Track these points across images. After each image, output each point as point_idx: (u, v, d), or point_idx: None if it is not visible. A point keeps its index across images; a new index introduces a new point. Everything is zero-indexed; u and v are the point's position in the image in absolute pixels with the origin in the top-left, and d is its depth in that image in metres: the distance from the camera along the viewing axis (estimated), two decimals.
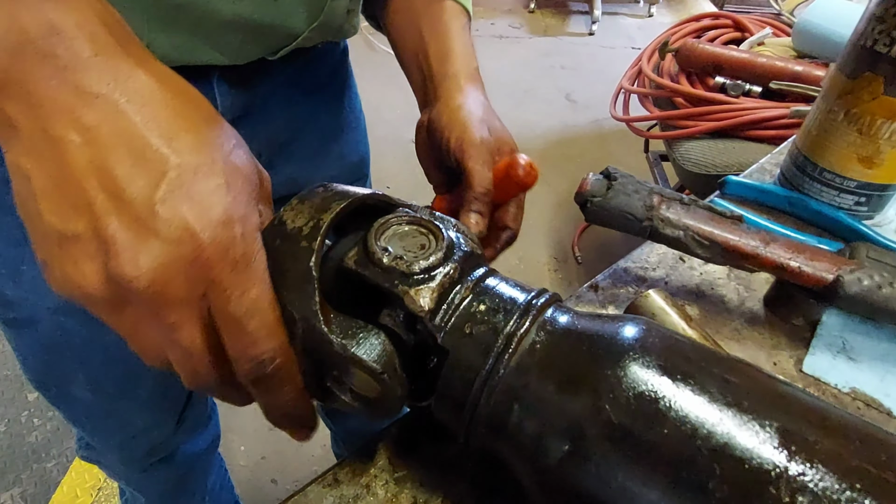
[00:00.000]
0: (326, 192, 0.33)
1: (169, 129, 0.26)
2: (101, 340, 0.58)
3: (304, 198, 0.33)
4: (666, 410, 0.26)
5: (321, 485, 0.36)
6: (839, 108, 0.48)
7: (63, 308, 0.55)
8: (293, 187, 0.64)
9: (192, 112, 0.28)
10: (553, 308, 0.32)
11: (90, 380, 0.62)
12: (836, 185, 0.51)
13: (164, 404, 0.70)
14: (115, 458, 0.78)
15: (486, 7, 3.58)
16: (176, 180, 0.25)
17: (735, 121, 1.17)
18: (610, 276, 0.49)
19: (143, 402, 0.66)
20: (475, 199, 0.44)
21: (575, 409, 0.27)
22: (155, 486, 0.84)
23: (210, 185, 0.26)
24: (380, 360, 0.29)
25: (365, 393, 0.30)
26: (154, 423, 0.71)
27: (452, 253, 0.32)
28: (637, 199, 0.44)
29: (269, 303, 0.28)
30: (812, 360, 0.42)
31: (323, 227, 0.30)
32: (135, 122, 0.26)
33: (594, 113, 2.61)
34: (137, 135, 0.25)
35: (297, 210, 0.32)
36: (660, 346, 0.28)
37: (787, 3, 1.44)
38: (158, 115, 0.26)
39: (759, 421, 0.25)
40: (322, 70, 0.62)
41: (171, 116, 0.27)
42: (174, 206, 0.25)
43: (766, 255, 0.41)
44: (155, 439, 0.74)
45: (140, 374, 0.63)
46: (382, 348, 0.30)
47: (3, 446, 1.42)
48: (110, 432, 0.72)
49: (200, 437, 0.84)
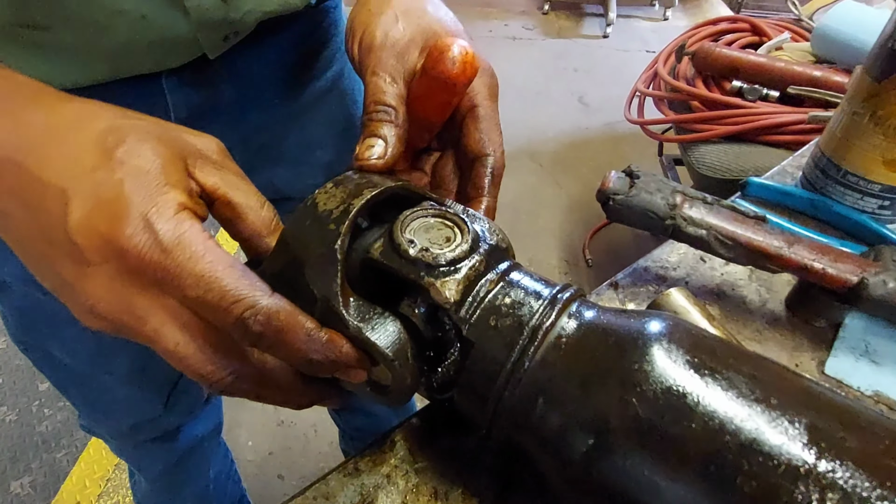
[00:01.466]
0: (361, 178, 0.33)
1: (55, 168, 0.27)
2: (69, 313, 0.58)
3: (339, 182, 0.33)
4: (694, 405, 0.26)
5: (342, 473, 0.36)
6: (865, 110, 0.48)
7: (28, 278, 0.54)
8: (274, 193, 0.63)
9: (68, 139, 0.28)
10: (578, 302, 0.32)
11: (65, 347, 0.62)
12: (859, 189, 0.51)
13: (145, 381, 0.69)
14: (103, 430, 0.78)
15: (500, 8, 3.58)
16: (76, 208, 0.27)
17: (752, 125, 1.16)
18: (630, 274, 0.49)
19: (122, 376, 0.66)
20: (368, 119, 0.35)
21: (600, 403, 0.27)
22: (151, 464, 0.84)
23: (107, 194, 0.27)
24: (392, 346, 0.29)
25: (377, 378, 0.31)
26: (137, 398, 0.70)
27: (478, 245, 0.32)
28: (660, 198, 0.44)
29: (225, 266, 0.27)
30: (834, 363, 0.42)
31: (352, 212, 0.31)
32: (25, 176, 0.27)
33: (607, 116, 2.60)
34: (31, 187, 0.27)
35: (331, 194, 0.32)
36: (687, 342, 0.28)
37: (806, 8, 1.43)
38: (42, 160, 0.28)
39: (787, 417, 0.25)
40: (302, 71, 0.58)
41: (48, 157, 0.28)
42: (85, 231, 0.26)
43: (790, 255, 0.41)
44: (140, 415, 0.73)
45: (114, 349, 0.63)
46: (397, 335, 0.30)
47: (13, 435, 1.43)
48: (93, 402, 0.72)
49: (194, 424, 0.83)
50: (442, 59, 0.33)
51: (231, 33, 0.46)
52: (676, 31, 1.68)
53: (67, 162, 0.27)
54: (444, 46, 0.33)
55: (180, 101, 0.49)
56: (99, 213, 0.26)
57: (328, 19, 0.59)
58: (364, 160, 0.35)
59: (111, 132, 0.29)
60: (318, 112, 0.62)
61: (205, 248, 0.27)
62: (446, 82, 0.34)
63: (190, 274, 0.26)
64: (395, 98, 0.35)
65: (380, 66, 0.35)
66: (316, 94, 0.61)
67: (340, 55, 0.62)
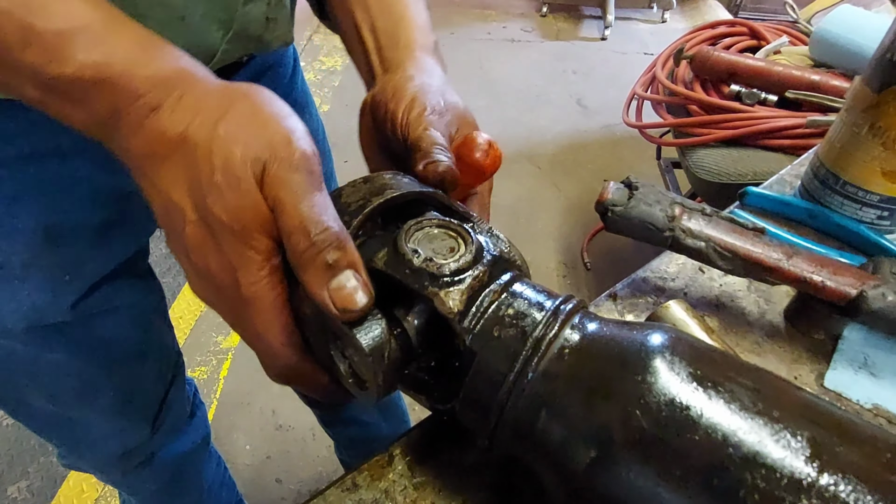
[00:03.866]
0: (390, 180, 0.34)
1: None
2: (47, 358, 0.57)
3: (368, 179, 0.34)
4: (697, 418, 0.26)
5: (340, 489, 0.36)
6: (864, 121, 0.48)
7: (4, 329, 0.53)
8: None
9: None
10: (580, 314, 0.32)
11: (44, 393, 0.61)
12: (858, 199, 0.51)
13: (131, 410, 0.68)
14: (88, 463, 0.77)
15: (498, 10, 3.59)
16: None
17: (750, 129, 1.16)
18: (629, 285, 0.50)
19: (106, 410, 0.65)
20: (431, 153, 0.36)
21: (603, 415, 0.28)
22: (143, 487, 0.83)
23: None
24: (372, 343, 0.30)
25: (359, 371, 0.31)
26: (123, 428, 0.70)
27: (481, 256, 0.32)
28: (658, 210, 0.44)
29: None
30: (833, 375, 0.42)
31: (368, 209, 0.32)
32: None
33: (605, 118, 2.61)
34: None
35: (357, 188, 0.33)
36: (689, 354, 0.28)
37: (804, 12, 1.43)
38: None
39: (790, 431, 0.25)
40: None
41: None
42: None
43: (789, 268, 0.41)
44: (128, 444, 0.72)
45: (97, 385, 0.62)
46: (379, 334, 0.30)
47: (10, 439, 1.42)
48: (77, 441, 0.71)
49: (181, 440, 0.82)
50: (476, 149, 0.37)
51: (248, 55, 0.47)
52: (675, 34, 1.69)
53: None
54: (477, 139, 0.37)
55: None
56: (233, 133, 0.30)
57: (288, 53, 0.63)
58: (433, 170, 0.36)
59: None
60: None
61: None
62: (477, 169, 0.38)
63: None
64: (445, 142, 0.37)
65: (433, 126, 0.38)
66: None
67: (287, 70, 0.64)
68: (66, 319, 0.54)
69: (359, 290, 0.29)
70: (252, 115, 0.30)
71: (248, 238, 0.29)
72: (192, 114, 0.30)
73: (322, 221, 0.29)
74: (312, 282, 0.29)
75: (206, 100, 0.31)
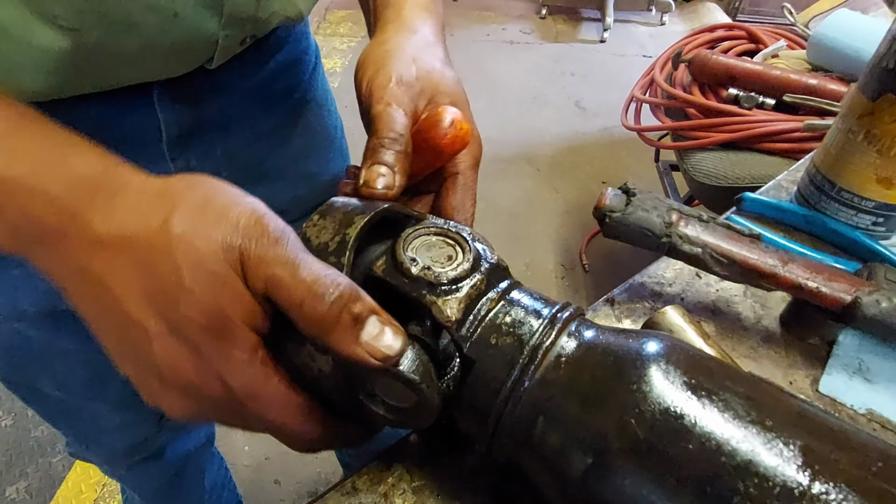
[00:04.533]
0: (346, 206, 0.33)
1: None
2: (59, 345, 0.57)
3: (325, 213, 0.33)
4: (691, 426, 0.26)
5: (340, 492, 0.37)
6: (859, 128, 0.49)
7: (15, 314, 0.53)
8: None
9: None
10: (577, 321, 0.32)
11: (55, 381, 0.62)
12: (853, 205, 0.52)
13: (139, 404, 0.69)
14: (95, 454, 0.78)
15: (498, 12, 3.59)
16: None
17: (748, 133, 1.17)
18: (626, 290, 0.50)
19: (115, 402, 0.66)
20: (381, 145, 0.35)
21: (599, 423, 0.28)
22: (146, 483, 0.84)
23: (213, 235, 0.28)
24: (417, 371, 0.29)
25: (399, 404, 0.31)
26: (131, 421, 0.70)
27: (479, 264, 0.33)
28: (656, 216, 0.44)
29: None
30: (828, 381, 0.43)
31: (350, 242, 0.31)
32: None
33: (604, 121, 2.61)
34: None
35: (320, 226, 0.32)
36: (684, 363, 0.29)
37: (802, 16, 1.44)
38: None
39: (782, 439, 0.26)
40: (280, 84, 0.58)
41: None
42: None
43: (784, 274, 0.42)
44: (135, 437, 0.73)
45: (106, 377, 0.62)
46: (417, 359, 0.30)
47: (9, 440, 1.42)
48: (86, 430, 0.72)
49: (189, 437, 0.83)
50: (437, 127, 0.35)
51: (249, 36, 0.46)
52: (673, 36, 1.69)
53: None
54: (441, 115, 0.35)
55: (170, 116, 0.48)
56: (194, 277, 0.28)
57: (298, 28, 0.60)
58: (372, 188, 0.35)
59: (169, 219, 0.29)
60: (298, 124, 0.62)
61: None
62: (435, 148, 0.36)
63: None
64: (406, 130, 0.36)
65: (395, 100, 0.36)
66: (294, 106, 0.61)
67: (309, 67, 0.62)
68: None
69: (390, 334, 0.28)
70: (204, 206, 0.28)
71: (230, 337, 0.27)
72: (134, 215, 0.28)
73: (329, 281, 0.28)
74: (343, 341, 0.28)
75: (145, 198, 0.28)
